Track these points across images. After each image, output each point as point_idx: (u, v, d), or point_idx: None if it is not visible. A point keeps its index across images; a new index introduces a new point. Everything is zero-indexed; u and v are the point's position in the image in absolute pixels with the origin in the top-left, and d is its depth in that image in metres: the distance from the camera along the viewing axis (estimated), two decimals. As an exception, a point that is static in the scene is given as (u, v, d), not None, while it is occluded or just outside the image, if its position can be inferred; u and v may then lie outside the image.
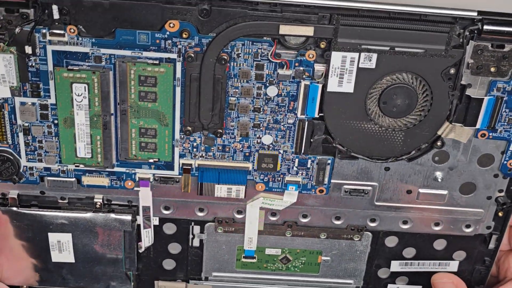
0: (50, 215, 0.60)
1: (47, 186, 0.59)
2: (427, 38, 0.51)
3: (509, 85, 0.54)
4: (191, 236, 0.63)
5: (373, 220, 0.62)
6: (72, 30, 0.52)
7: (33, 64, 0.53)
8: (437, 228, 0.62)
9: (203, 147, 0.57)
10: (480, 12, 0.51)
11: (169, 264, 0.65)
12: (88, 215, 0.60)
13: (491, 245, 0.63)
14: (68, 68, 0.53)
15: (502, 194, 0.60)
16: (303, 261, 0.65)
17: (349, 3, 0.50)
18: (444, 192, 0.60)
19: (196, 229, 0.63)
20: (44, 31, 0.52)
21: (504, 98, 0.55)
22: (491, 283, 0.65)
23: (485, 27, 0.51)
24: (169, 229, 0.63)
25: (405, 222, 0.62)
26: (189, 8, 0.51)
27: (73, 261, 0.62)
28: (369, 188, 0.60)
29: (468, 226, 0.62)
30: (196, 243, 0.63)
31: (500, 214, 0.61)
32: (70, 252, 0.62)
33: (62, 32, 0.52)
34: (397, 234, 0.63)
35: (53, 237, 0.61)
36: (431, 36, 0.51)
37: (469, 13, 0.51)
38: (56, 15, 0.51)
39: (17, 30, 0.51)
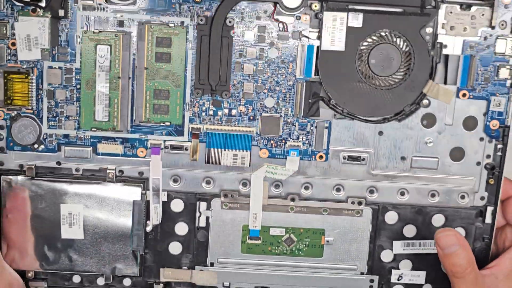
0: (64, 185, 0.63)
1: (63, 156, 0.63)
2: (404, -1, 0.61)
3: (480, 44, 0.62)
4: (197, 214, 0.65)
5: (371, 192, 0.65)
6: (101, -4, 0.60)
7: (64, 29, 0.61)
8: (433, 200, 0.65)
9: (211, 111, 0.63)
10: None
11: (175, 249, 0.66)
12: (100, 186, 0.63)
13: (488, 220, 0.66)
14: (94, 31, 0.61)
15: (490, 160, 0.64)
16: (307, 243, 0.66)
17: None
18: (436, 158, 0.64)
19: (203, 205, 0.65)
20: (76, -3, 0.60)
21: (477, 57, 0.62)
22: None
23: (452, -12, 0.60)
24: (177, 206, 0.65)
25: (402, 194, 0.65)
26: (201, -26, 0.60)
27: (82, 237, 0.64)
28: (366, 154, 0.64)
29: (462, 197, 0.65)
30: (202, 222, 0.65)
31: (491, 182, 0.65)
32: (80, 226, 0.64)
33: (91, -2, 0.60)
34: (395, 208, 0.65)
35: (64, 209, 0.63)
36: (408, -3, 0.60)
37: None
38: (88, -20, 0.60)
39: (53, -5, 0.60)
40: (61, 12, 0.60)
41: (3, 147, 0.63)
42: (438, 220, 0.66)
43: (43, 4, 0.60)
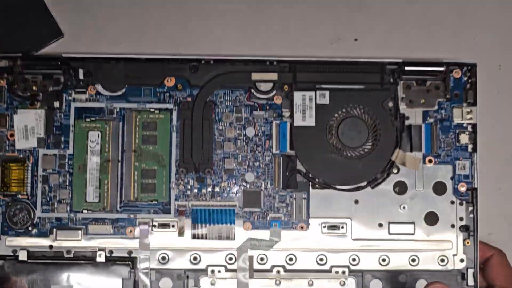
0: (55, 267, 0.65)
1: (55, 239, 0.66)
2: (366, 77, 0.67)
3: (438, 114, 0.68)
4: (186, 291, 0.67)
5: (354, 260, 0.67)
6: (92, 89, 0.67)
7: (58, 119, 0.67)
8: (414, 264, 0.67)
9: (196, 188, 0.67)
10: (404, 61, 0.68)
11: (165, 329, 0.66)
12: (90, 266, 0.65)
13: (470, 282, 0.67)
14: (86, 119, 0.66)
15: (463, 222, 0.67)
16: (295, 317, 0.67)
17: (304, 58, 0.68)
18: (411, 224, 0.67)
19: (191, 283, 0.67)
20: (70, 91, 0.67)
21: (438, 125, 0.68)
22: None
23: (406, 68, 0.67)
24: (165, 284, 0.66)
25: (383, 260, 0.67)
26: (182, 65, 0.67)
27: (73, 318, 0.64)
28: (344, 223, 0.67)
29: (442, 260, 0.67)
30: (191, 299, 0.67)
31: (467, 243, 0.67)
32: (70, 308, 0.65)
33: (84, 90, 0.67)
34: (379, 275, 0.67)
35: (55, 291, 0.65)
36: (369, 76, 0.67)
37: (396, 60, 0.68)
38: (81, 76, 0.67)
39: (50, 89, 0.66)
40: (56, 104, 0.66)
41: (-2, 233, 0.66)
42: (421, 285, 0.67)
43: (40, 98, 0.67)
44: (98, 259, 0.66)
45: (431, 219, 0.68)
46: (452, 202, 0.68)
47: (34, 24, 0.71)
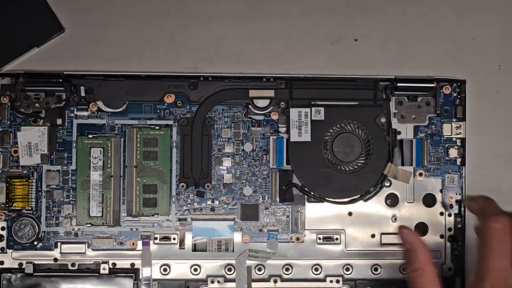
0: (60, 280, 0.67)
1: (60, 252, 0.68)
2: (359, 94, 0.70)
3: (429, 129, 0.71)
4: (187, 302, 0.69)
5: (347, 269, 0.70)
6: (93, 106, 0.69)
7: (61, 135, 0.68)
8: (405, 273, 0.70)
9: (196, 202, 0.69)
10: (396, 78, 0.70)
11: (167, 337, 0.69)
12: (95, 279, 0.68)
13: (457, 290, 0.71)
14: (88, 136, 0.68)
15: (452, 232, 0.71)
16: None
17: (300, 75, 0.70)
18: (402, 234, 0.70)
19: (192, 293, 0.70)
20: (72, 108, 0.68)
21: (428, 140, 0.70)
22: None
23: (398, 84, 0.70)
24: (167, 295, 0.69)
25: (376, 269, 0.70)
26: (182, 82, 0.69)
27: (78, 329, 0.67)
28: (339, 234, 0.70)
29: (431, 269, 0.70)
30: (192, 310, 0.69)
31: (455, 253, 0.70)
32: (75, 319, 0.67)
33: (85, 107, 0.68)
34: (371, 283, 0.70)
35: (61, 303, 0.67)
36: (362, 92, 0.70)
37: (388, 76, 0.70)
38: (82, 93, 0.68)
39: (52, 106, 0.68)
40: (59, 121, 0.68)
41: (4, 247, 0.68)
42: (411, 293, 0.71)
43: (42, 114, 0.68)
44: (102, 271, 0.68)
45: (421, 229, 0.71)
46: (441, 214, 0.71)
47: (34, 19, 0.70)
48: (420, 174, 0.71)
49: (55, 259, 0.68)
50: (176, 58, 0.70)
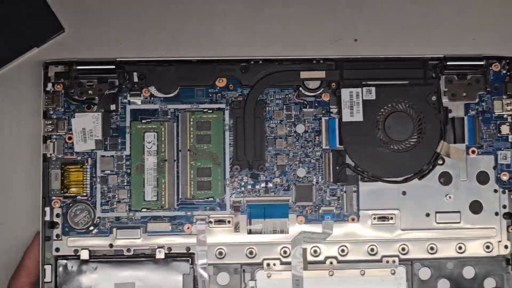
0: (116, 265, 0.67)
1: (116, 237, 0.68)
2: (409, 73, 0.70)
3: (479, 106, 0.71)
4: (243, 285, 0.69)
5: (403, 249, 0.69)
6: (146, 92, 0.69)
7: (114, 121, 0.69)
8: (461, 252, 0.70)
9: (250, 185, 0.69)
10: (445, 57, 0.71)
11: (224, 322, 0.69)
12: (151, 263, 0.67)
13: (515, 267, 0.70)
14: (142, 121, 0.69)
15: (506, 209, 0.70)
16: (349, 306, 0.69)
17: (350, 55, 0.70)
18: (457, 213, 0.70)
19: (247, 276, 0.69)
20: (125, 94, 0.69)
21: (479, 117, 0.70)
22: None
23: (448, 63, 0.70)
24: (223, 279, 0.69)
25: (432, 249, 0.70)
26: (233, 66, 0.70)
27: (136, 314, 0.66)
28: (393, 214, 0.69)
29: (488, 247, 0.70)
30: (248, 293, 0.69)
31: (511, 230, 0.70)
32: (133, 304, 0.67)
33: (138, 93, 0.69)
34: (427, 263, 0.70)
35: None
36: (412, 71, 0.70)
37: (438, 55, 0.71)
38: (135, 79, 0.69)
39: (106, 92, 0.68)
40: (112, 107, 0.69)
41: (59, 234, 0.68)
42: (468, 272, 0.70)
43: (96, 101, 0.69)
44: (157, 256, 0.68)
45: (476, 207, 0.70)
46: (495, 191, 0.70)
47: (34, 19, 0.71)
48: (473, 152, 0.70)
49: (111, 245, 0.68)
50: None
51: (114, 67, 0.68)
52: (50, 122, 0.68)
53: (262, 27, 0.72)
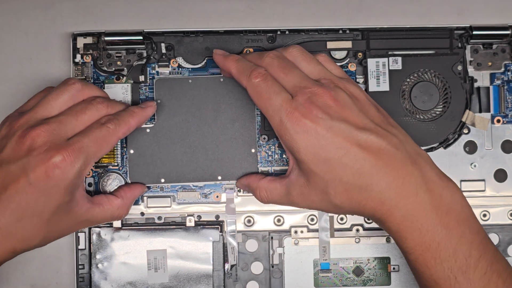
0: (148, 233, 0.69)
1: (146, 206, 0.69)
2: (435, 43, 0.70)
3: (505, 75, 0.71)
4: (271, 252, 0.70)
5: (428, 217, 0.71)
6: (174, 63, 0.70)
7: (143, 92, 0.69)
8: (485, 219, 0.71)
9: (277, 154, 0.70)
10: (471, 26, 0.71)
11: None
12: (181, 231, 0.69)
13: (538, 235, 0.71)
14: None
15: (531, 178, 0.71)
16: (375, 272, 0.70)
17: (376, 26, 0.71)
18: (482, 181, 0.71)
19: (275, 243, 0.70)
20: (153, 65, 0.70)
21: (505, 86, 0.71)
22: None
23: (474, 32, 0.70)
24: (251, 246, 0.70)
25: (456, 216, 0.71)
26: (260, 37, 0.70)
27: (167, 280, 0.68)
28: (419, 182, 0.70)
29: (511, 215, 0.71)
30: (276, 260, 0.70)
31: (537, 198, 0.71)
32: (165, 271, 0.68)
33: (166, 64, 0.70)
34: (452, 230, 0.71)
35: (150, 255, 0.68)
36: (438, 41, 0.70)
37: (463, 25, 0.71)
38: (163, 50, 0.70)
39: (134, 63, 0.69)
40: (141, 78, 0.69)
41: (92, 203, 0.69)
42: (492, 239, 0.71)
43: (124, 72, 0.69)
44: (188, 224, 0.69)
45: (501, 176, 0.71)
46: (520, 159, 0.71)
47: None
48: (498, 121, 0.71)
49: (142, 213, 0.70)
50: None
51: (141, 38, 0.69)
52: (81, 93, 0.69)
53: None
